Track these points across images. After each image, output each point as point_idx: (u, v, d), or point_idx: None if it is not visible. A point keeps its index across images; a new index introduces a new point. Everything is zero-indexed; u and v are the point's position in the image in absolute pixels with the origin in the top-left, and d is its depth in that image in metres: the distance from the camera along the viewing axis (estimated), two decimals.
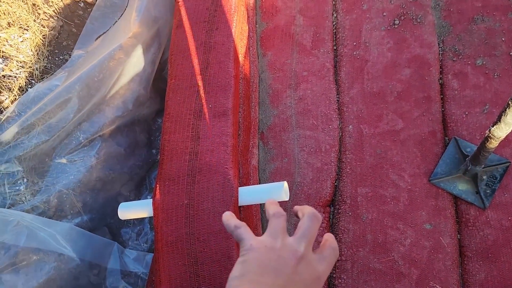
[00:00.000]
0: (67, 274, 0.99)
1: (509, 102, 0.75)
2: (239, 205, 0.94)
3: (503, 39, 1.17)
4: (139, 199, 1.30)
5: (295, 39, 1.32)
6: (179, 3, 1.19)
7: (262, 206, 1.14)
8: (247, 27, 1.26)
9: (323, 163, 1.14)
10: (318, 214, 0.55)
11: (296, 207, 0.59)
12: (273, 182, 1.11)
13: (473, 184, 1.04)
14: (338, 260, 1.03)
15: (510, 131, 0.82)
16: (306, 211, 0.55)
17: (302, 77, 1.26)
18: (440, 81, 1.18)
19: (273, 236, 0.52)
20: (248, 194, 0.94)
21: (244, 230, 0.54)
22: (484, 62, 1.16)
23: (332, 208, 1.12)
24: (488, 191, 1.03)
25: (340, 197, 1.11)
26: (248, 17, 1.30)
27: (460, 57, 1.18)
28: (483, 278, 0.97)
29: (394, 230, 1.04)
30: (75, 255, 1.01)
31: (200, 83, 1.06)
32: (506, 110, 0.77)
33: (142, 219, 1.27)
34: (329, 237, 0.56)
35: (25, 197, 1.00)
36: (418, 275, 0.99)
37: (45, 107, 1.05)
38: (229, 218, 0.56)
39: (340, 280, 1.02)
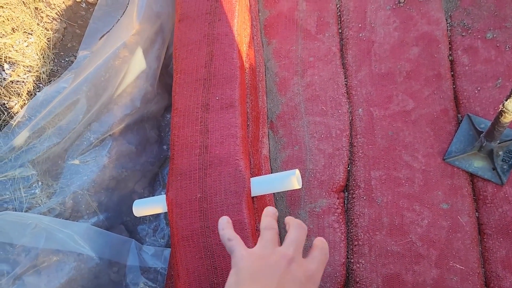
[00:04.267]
0: (88, 273, 1.01)
1: None
2: (252, 195, 0.94)
3: None
4: (153, 196, 1.31)
5: (299, 25, 1.30)
6: None
7: (275, 195, 1.13)
8: (250, 16, 1.25)
9: (334, 148, 1.13)
10: (303, 224, 0.58)
11: (285, 220, 0.61)
12: (285, 170, 1.11)
13: (489, 160, 1.02)
14: (355, 245, 1.03)
15: None
16: (291, 223, 0.58)
17: (308, 63, 1.24)
18: (450, 57, 1.15)
19: (264, 247, 0.55)
20: (260, 184, 0.94)
21: (236, 243, 0.56)
22: (494, 35, 1.13)
23: (346, 193, 1.11)
24: (505, 166, 1.01)
25: (353, 182, 1.10)
26: (250, 6, 1.28)
27: (469, 31, 1.15)
28: (504, 254, 0.95)
29: (410, 211, 1.02)
30: (94, 254, 1.02)
31: (205, 75, 1.05)
32: None
33: (158, 215, 1.28)
34: (317, 240, 0.59)
35: (41, 200, 1.01)
36: (437, 256, 0.98)
37: (54, 110, 1.06)
38: (224, 227, 0.59)
39: (358, 265, 1.01)
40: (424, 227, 1.01)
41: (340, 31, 1.28)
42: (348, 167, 1.12)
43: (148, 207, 1.01)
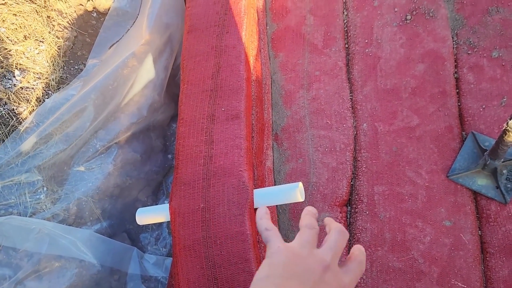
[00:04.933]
0: (89, 280, 1.01)
1: None
2: (254, 207, 0.94)
3: None
4: (157, 204, 1.31)
5: (306, 39, 1.31)
6: (189, 8, 1.20)
7: (278, 208, 1.13)
8: (258, 29, 1.27)
9: (338, 162, 1.13)
10: (345, 230, 0.54)
11: (325, 220, 0.58)
12: (289, 183, 1.11)
13: (493, 178, 1.02)
14: None
15: None
16: (333, 226, 0.55)
17: (314, 77, 1.25)
18: (456, 75, 1.16)
19: (302, 245, 0.52)
20: (263, 196, 0.94)
21: (273, 233, 0.53)
22: (500, 54, 1.13)
23: (349, 207, 1.11)
24: (509, 185, 1.00)
25: (356, 196, 1.10)
26: (258, 19, 1.30)
27: (475, 50, 1.16)
28: (507, 274, 0.94)
29: (413, 228, 1.02)
30: (96, 261, 1.03)
31: (212, 87, 1.06)
32: None
33: (160, 224, 1.29)
34: (356, 249, 0.56)
35: (46, 205, 1.02)
36: (439, 273, 0.97)
37: (62, 117, 1.08)
38: (262, 217, 0.56)
39: (359, 280, 1.01)
40: (426, 244, 1.00)
41: (346, 46, 1.29)
42: (352, 181, 1.12)
43: (151, 215, 1.02)
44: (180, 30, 1.34)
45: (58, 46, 1.23)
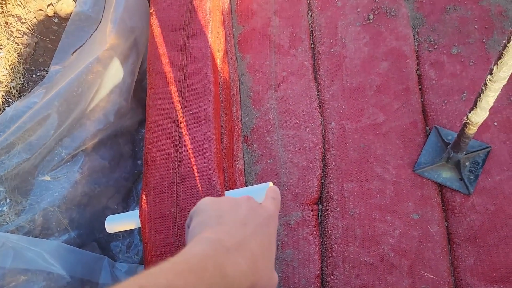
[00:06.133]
0: None
1: (483, 88, 0.76)
2: None
3: (475, 26, 1.18)
4: (127, 211, 1.29)
5: (272, 40, 1.32)
6: (154, 12, 1.19)
7: None
8: (224, 31, 1.27)
9: (308, 161, 1.14)
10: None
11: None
12: (259, 183, 1.11)
13: (457, 171, 1.05)
14: (329, 257, 1.04)
15: (486, 116, 0.83)
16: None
17: (282, 78, 1.26)
18: (418, 72, 1.19)
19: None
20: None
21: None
22: (459, 51, 1.17)
23: (320, 205, 1.13)
24: (471, 177, 1.04)
25: (327, 194, 1.11)
26: (224, 21, 1.30)
27: (435, 47, 1.20)
28: (473, 263, 0.98)
29: (382, 222, 1.04)
30: (65, 273, 1.00)
31: (179, 90, 1.05)
32: (480, 96, 0.78)
33: (131, 231, 1.26)
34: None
35: (9, 217, 0.99)
36: (409, 266, 0.99)
37: (24, 125, 1.04)
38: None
39: (332, 277, 1.02)
40: (395, 238, 1.02)
41: (312, 46, 1.31)
42: (322, 179, 1.14)
43: (121, 223, 1.00)
44: (146, 34, 1.32)
45: (18, 53, 1.20)
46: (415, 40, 1.23)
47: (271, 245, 0.53)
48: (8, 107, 1.11)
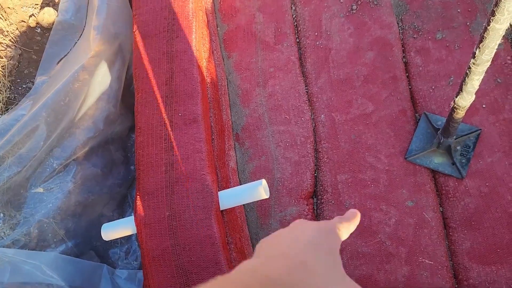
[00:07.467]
0: None
1: (467, 72, 0.77)
2: (221, 209, 0.94)
3: (458, 10, 1.19)
4: (123, 218, 1.28)
5: (257, 37, 1.32)
6: (137, 16, 1.18)
7: (246, 207, 1.14)
8: (208, 31, 1.26)
9: (300, 155, 1.14)
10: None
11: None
12: (253, 181, 1.11)
13: (448, 156, 1.05)
14: None
15: (473, 99, 0.84)
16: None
17: (269, 74, 1.26)
18: (404, 59, 1.20)
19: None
20: (228, 197, 0.94)
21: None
22: (444, 36, 1.18)
23: (315, 199, 1.13)
24: (463, 160, 1.05)
25: (321, 187, 1.11)
26: (208, 21, 1.29)
27: (420, 33, 1.20)
28: (469, 246, 0.98)
29: (377, 212, 1.05)
30: (64, 283, 1.00)
31: (167, 93, 1.05)
32: (465, 80, 0.78)
33: (129, 237, 1.26)
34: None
35: (4, 232, 0.98)
36: (407, 253, 1.00)
37: (13, 139, 1.04)
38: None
39: None
40: (392, 226, 1.03)
41: (297, 40, 1.31)
42: (315, 173, 1.14)
43: (117, 230, 0.99)
44: (130, 39, 1.31)
45: (2, 66, 1.19)
46: (400, 27, 1.23)
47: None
48: None
